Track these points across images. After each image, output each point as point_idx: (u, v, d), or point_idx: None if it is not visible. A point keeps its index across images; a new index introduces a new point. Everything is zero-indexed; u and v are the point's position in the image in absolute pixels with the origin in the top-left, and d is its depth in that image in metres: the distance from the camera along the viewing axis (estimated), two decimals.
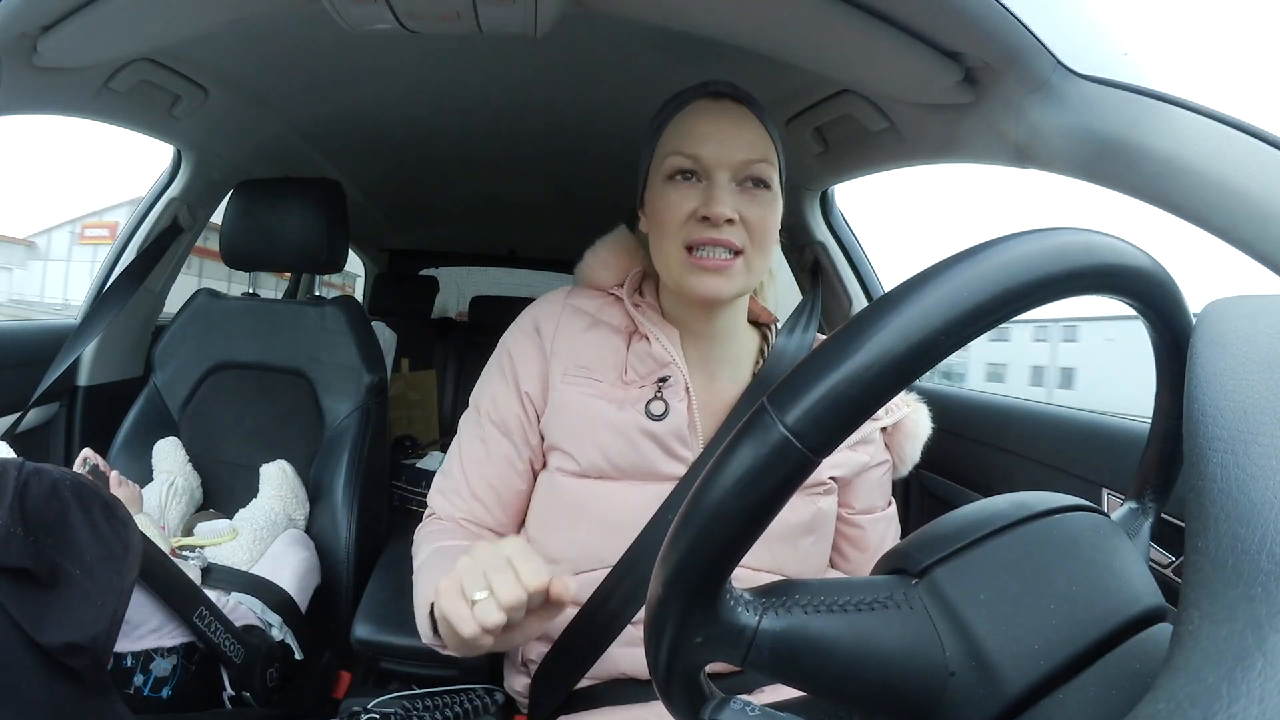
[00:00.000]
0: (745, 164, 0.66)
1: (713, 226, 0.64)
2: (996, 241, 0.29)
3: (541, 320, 0.74)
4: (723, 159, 0.65)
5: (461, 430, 0.77)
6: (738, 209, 0.65)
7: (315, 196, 1.29)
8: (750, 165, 0.66)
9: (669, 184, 0.67)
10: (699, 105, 0.69)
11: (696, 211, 0.65)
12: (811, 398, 0.27)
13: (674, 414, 0.69)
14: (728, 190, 0.65)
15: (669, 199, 0.67)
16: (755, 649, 0.31)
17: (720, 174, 0.65)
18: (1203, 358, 0.27)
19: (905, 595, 0.33)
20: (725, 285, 0.66)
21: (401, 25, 0.76)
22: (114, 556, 0.72)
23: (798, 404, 0.27)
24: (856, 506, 0.77)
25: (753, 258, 0.66)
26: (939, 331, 0.27)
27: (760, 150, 0.67)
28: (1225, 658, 0.20)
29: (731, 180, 0.66)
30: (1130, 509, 0.41)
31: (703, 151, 0.66)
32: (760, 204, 0.66)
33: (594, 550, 0.69)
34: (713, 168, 0.66)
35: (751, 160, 0.66)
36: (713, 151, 0.66)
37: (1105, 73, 0.64)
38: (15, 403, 1.19)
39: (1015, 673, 0.30)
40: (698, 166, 0.66)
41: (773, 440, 0.27)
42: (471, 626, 0.48)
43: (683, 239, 0.66)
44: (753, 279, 0.68)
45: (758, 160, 0.66)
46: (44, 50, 0.84)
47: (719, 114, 0.68)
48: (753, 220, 0.65)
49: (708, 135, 0.66)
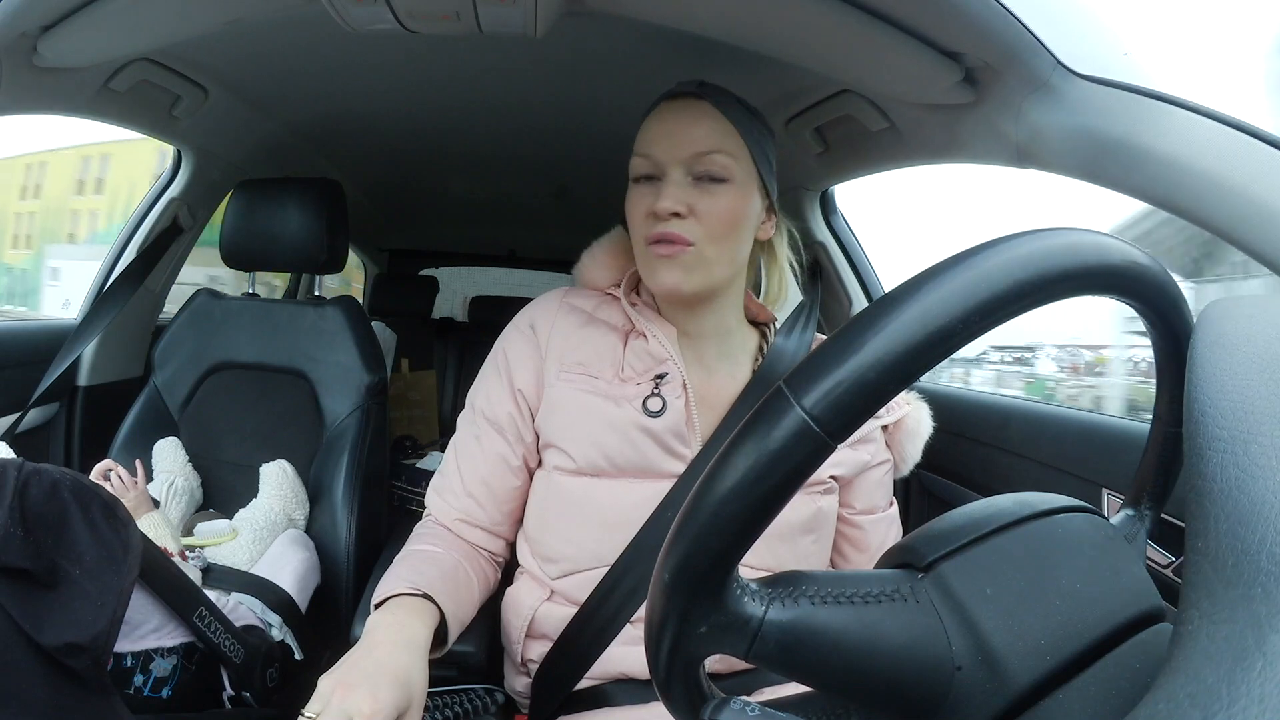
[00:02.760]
0: (696, 157, 0.67)
1: (660, 220, 0.67)
2: (1004, 239, 0.29)
3: (537, 318, 0.75)
4: (673, 155, 0.68)
5: (458, 429, 0.78)
6: (688, 202, 0.67)
7: (315, 196, 1.29)
8: (702, 158, 0.67)
9: (633, 187, 0.71)
10: (660, 108, 0.71)
11: (650, 208, 0.68)
12: (830, 381, 0.27)
13: (672, 411, 0.69)
14: (679, 185, 0.67)
15: (632, 200, 0.71)
16: (761, 639, 0.30)
17: (673, 170, 0.68)
18: (1203, 358, 0.27)
19: (912, 589, 0.32)
20: (682, 278, 0.67)
21: (401, 25, 0.76)
22: (114, 557, 0.72)
23: (816, 387, 0.27)
24: (857, 506, 0.76)
25: (706, 248, 0.67)
26: (958, 320, 0.27)
27: (713, 142, 0.67)
28: (1225, 658, 0.20)
29: (687, 175, 0.68)
30: (1127, 515, 0.41)
31: (654, 150, 0.69)
32: (712, 195, 0.67)
33: (592, 549, 0.69)
34: (666, 165, 0.68)
35: (702, 153, 0.67)
36: (663, 150, 0.68)
37: (1105, 73, 0.64)
38: (15, 403, 1.19)
39: (1021, 668, 0.30)
40: (653, 166, 0.69)
41: (790, 423, 0.27)
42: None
43: (643, 235, 0.69)
44: (715, 271, 0.69)
45: (710, 151, 0.67)
46: (44, 50, 0.84)
47: (674, 112, 0.70)
48: (704, 211, 0.67)
49: (659, 136, 0.69)
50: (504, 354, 0.75)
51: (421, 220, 2.43)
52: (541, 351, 0.73)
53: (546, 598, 0.71)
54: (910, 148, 0.96)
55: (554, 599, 0.71)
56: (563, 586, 0.71)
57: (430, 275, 2.61)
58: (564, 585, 0.71)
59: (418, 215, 2.36)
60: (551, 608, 0.71)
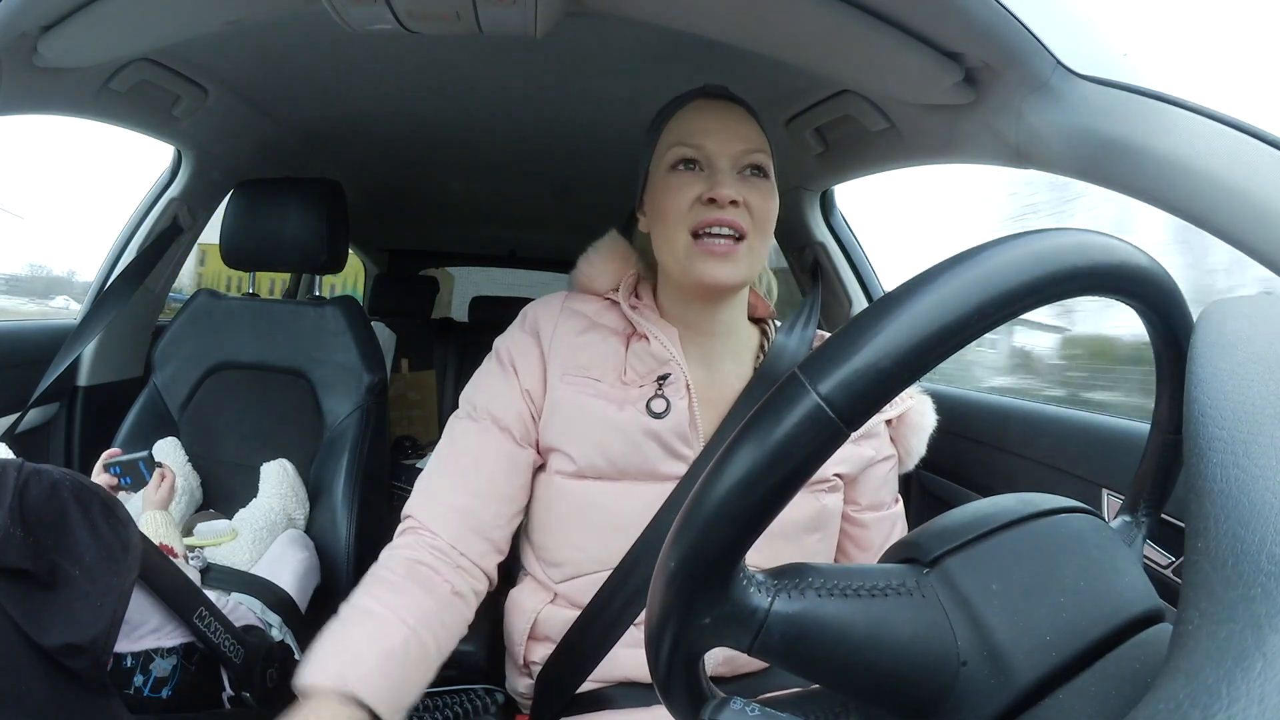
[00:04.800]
0: (745, 153, 0.69)
1: (718, 208, 0.66)
2: (1013, 237, 0.29)
3: (540, 321, 0.74)
4: (724, 149, 0.68)
5: (452, 428, 0.74)
6: (741, 193, 0.67)
7: (315, 197, 1.29)
8: (749, 154, 0.69)
9: (672, 173, 0.69)
10: (699, 103, 0.72)
11: (702, 195, 0.67)
12: (847, 368, 0.27)
13: (675, 411, 0.68)
14: (730, 176, 0.68)
15: (672, 187, 0.69)
16: (765, 632, 0.30)
17: (722, 161, 0.68)
18: (1203, 358, 0.27)
19: (917, 583, 0.32)
20: (731, 271, 0.67)
21: (401, 26, 0.76)
22: (114, 557, 0.72)
23: (832, 373, 0.27)
24: (863, 503, 0.76)
25: (755, 243, 0.68)
26: (971, 312, 0.27)
27: (757, 143, 0.70)
28: (1225, 658, 0.20)
29: (733, 168, 0.68)
30: (1125, 522, 0.41)
31: (705, 142, 0.69)
32: (761, 190, 0.69)
33: (595, 553, 0.69)
34: (715, 156, 0.68)
35: (750, 149, 0.69)
36: (715, 142, 0.68)
37: (1105, 73, 0.64)
38: (15, 403, 1.19)
39: (1026, 664, 0.30)
40: (700, 155, 0.69)
41: (805, 409, 0.27)
42: None
43: (689, 224, 0.67)
44: (755, 266, 0.70)
45: (755, 150, 0.69)
46: (44, 50, 0.84)
47: (718, 110, 0.71)
48: (755, 205, 0.68)
49: (709, 129, 0.69)
50: (509, 353, 0.74)
51: (422, 221, 2.43)
52: (544, 354, 0.72)
53: (550, 600, 0.71)
54: (910, 148, 0.96)
55: (557, 601, 0.71)
56: (566, 590, 0.70)
57: (430, 275, 2.61)
58: (567, 589, 0.70)
59: (418, 215, 2.36)
60: (555, 610, 0.71)
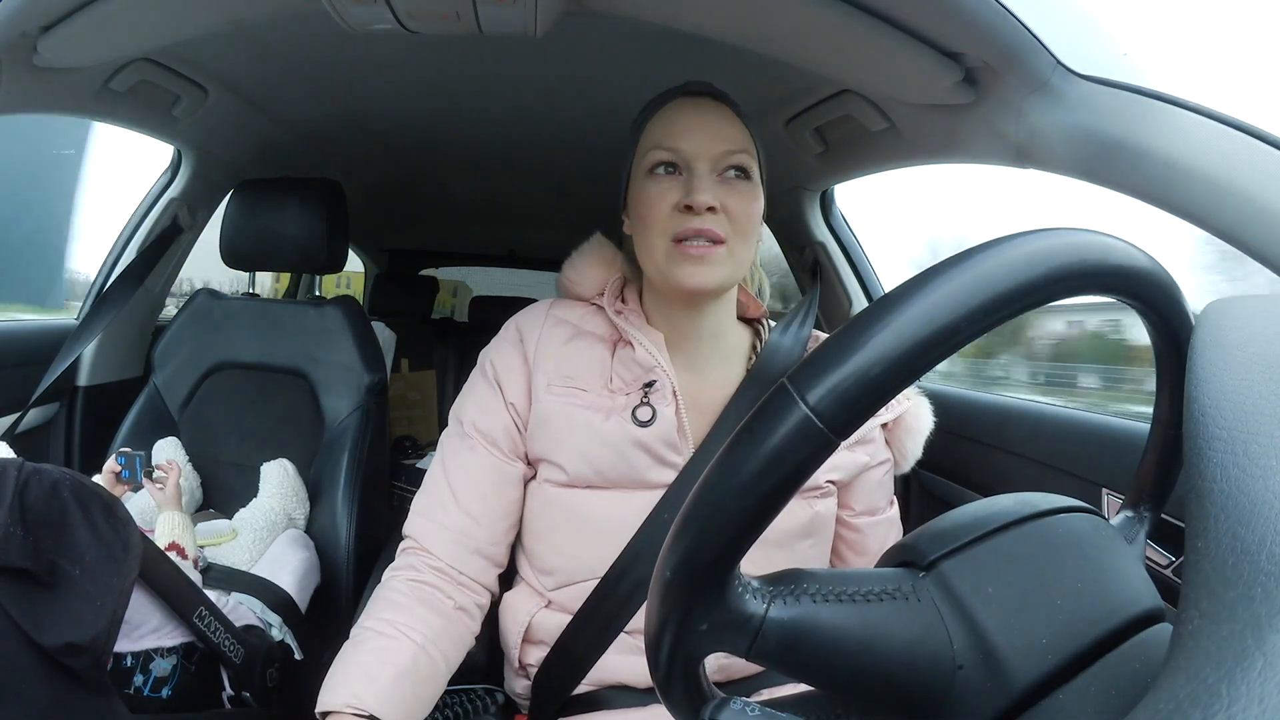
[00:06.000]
0: (724, 154, 0.67)
1: (695, 215, 0.65)
2: (1006, 238, 0.29)
3: (525, 331, 0.73)
4: (702, 151, 0.66)
5: (444, 446, 0.74)
6: (719, 198, 0.65)
7: (315, 196, 1.29)
8: (729, 155, 0.67)
9: (650, 178, 0.68)
10: (678, 103, 0.70)
11: (679, 202, 0.66)
12: (835, 377, 0.27)
13: (662, 419, 0.67)
14: (708, 180, 0.66)
15: (650, 193, 0.67)
16: (762, 637, 0.30)
17: (700, 165, 0.66)
18: (1203, 358, 0.27)
19: (913, 587, 0.32)
20: (709, 275, 0.66)
21: (401, 25, 0.76)
22: (114, 557, 0.72)
23: (820, 383, 0.27)
24: (857, 508, 0.76)
25: (736, 246, 0.67)
26: (960, 318, 0.27)
27: (739, 143, 0.68)
28: (1225, 658, 0.20)
29: (711, 171, 0.67)
30: (1126, 518, 0.41)
31: (682, 144, 0.67)
32: (740, 193, 0.67)
33: (585, 561, 0.69)
34: (693, 159, 0.66)
35: (730, 151, 0.67)
36: (692, 144, 0.66)
37: (1105, 73, 0.64)
38: (15, 403, 1.19)
39: (1023, 667, 0.30)
40: (678, 159, 0.67)
41: (793, 419, 0.27)
42: None
43: (668, 231, 0.66)
44: (737, 269, 0.68)
45: (736, 151, 0.67)
46: (44, 50, 0.83)
47: (697, 109, 0.69)
48: (734, 209, 0.66)
49: (687, 129, 0.67)
50: (493, 366, 0.73)
51: (421, 220, 2.43)
52: (529, 365, 0.72)
53: (544, 606, 0.71)
54: (910, 148, 0.96)
55: (550, 607, 0.71)
56: (559, 597, 0.70)
57: (430, 275, 2.61)
58: (560, 596, 0.70)
59: (418, 215, 2.36)
60: (548, 615, 0.71)
